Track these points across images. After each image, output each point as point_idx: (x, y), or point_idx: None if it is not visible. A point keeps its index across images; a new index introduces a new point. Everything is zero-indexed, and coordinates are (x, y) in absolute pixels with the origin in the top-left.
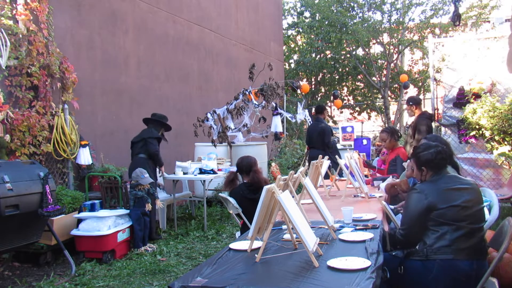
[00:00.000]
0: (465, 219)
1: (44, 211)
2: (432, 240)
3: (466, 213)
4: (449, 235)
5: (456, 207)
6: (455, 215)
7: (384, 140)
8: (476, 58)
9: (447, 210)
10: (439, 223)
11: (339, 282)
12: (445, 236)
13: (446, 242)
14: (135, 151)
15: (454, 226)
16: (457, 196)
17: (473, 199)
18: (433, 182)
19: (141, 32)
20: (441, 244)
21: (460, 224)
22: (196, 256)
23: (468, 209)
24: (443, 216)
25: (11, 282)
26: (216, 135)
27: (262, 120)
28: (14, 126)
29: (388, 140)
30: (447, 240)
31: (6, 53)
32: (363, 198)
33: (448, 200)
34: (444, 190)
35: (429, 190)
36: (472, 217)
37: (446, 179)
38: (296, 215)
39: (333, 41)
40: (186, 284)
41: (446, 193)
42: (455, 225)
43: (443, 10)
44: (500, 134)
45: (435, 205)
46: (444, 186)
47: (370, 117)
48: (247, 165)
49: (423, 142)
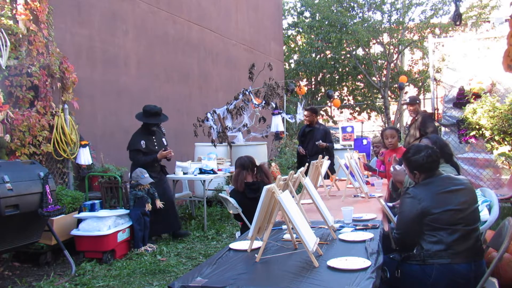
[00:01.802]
0: (460, 221)
1: (44, 211)
2: (429, 245)
3: (460, 216)
4: (445, 239)
5: (451, 211)
6: (450, 219)
7: (393, 137)
8: (476, 58)
9: (441, 214)
10: (434, 228)
11: (339, 282)
12: (441, 241)
13: (442, 246)
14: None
15: (450, 230)
16: (451, 199)
17: (467, 200)
18: (426, 186)
19: (141, 32)
20: (438, 249)
21: (456, 228)
22: (196, 256)
23: (463, 211)
24: (437, 221)
25: (11, 282)
26: (216, 135)
27: (262, 120)
28: (14, 126)
29: (396, 137)
30: (444, 244)
31: (6, 53)
32: (363, 198)
33: (442, 204)
34: (438, 193)
35: (422, 195)
36: (467, 219)
37: (440, 181)
38: (296, 215)
39: (333, 41)
40: (186, 284)
41: (440, 197)
42: (450, 228)
43: (443, 10)
44: (500, 134)
45: (429, 210)
46: (438, 190)
47: (370, 117)
48: (250, 162)
49: (413, 145)
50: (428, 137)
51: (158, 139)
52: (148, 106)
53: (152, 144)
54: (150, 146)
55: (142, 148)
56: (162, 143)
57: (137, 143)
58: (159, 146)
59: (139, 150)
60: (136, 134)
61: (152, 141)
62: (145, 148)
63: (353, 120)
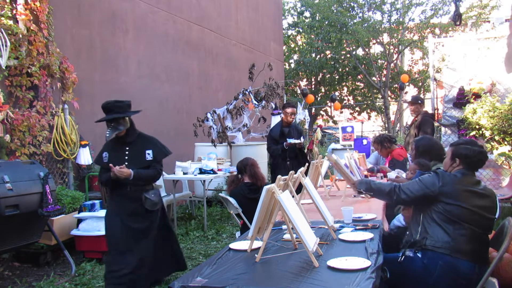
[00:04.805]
0: (471, 222)
1: (44, 211)
2: (434, 233)
3: (473, 217)
4: (452, 232)
5: (466, 209)
6: (461, 215)
7: (377, 150)
8: (476, 58)
9: (455, 207)
10: (444, 219)
11: (339, 282)
12: (447, 233)
13: (447, 238)
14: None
15: (458, 225)
16: (472, 199)
17: (487, 207)
18: (456, 177)
19: (141, 32)
20: (442, 239)
21: (464, 225)
22: (196, 256)
23: (478, 214)
24: (449, 212)
25: (11, 282)
26: (216, 135)
27: (262, 120)
28: (14, 126)
29: (379, 149)
30: (449, 236)
31: (6, 53)
32: (363, 198)
33: (461, 199)
34: (463, 189)
35: (448, 180)
36: (479, 223)
37: (470, 179)
38: (296, 215)
39: (333, 41)
40: (186, 284)
41: (463, 193)
42: (459, 224)
43: (443, 10)
44: (500, 134)
45: (444, 197)
46: (465, 186)
47: (370, 117)
48: (247, 164)
49: (467, 138)
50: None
51: (133, 152)
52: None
53: (119, 159)
54: (113, 162)
55: (103, 164)
56: (139, 158)
57: (99, 156)
58: (132, 161)
59: (102, 167)
60: (106, 144)
61: (120, 152)
62: (107, 163)
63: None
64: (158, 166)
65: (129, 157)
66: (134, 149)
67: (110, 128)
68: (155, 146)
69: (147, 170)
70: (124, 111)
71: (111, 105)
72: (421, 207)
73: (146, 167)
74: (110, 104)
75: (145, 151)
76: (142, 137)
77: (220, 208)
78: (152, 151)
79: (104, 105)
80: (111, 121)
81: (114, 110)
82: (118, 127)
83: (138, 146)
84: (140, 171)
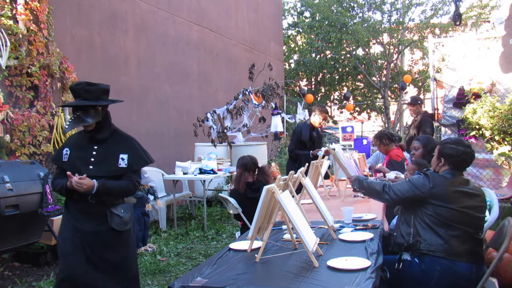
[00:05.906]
0: (461, 223)
1: (44, 211)
2: (427, 236)
3: (464, 219)
4: (444, 234)
5: (456, 211)
6: (451, 217)
7: (376, 145)
8: (476, 58)
9: (445, 210)
10: (435, 222)
11: (339, 282)
12: (439, 235)
13: (440, 241)
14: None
15: (450, 227)
16: (462, 200)
17: (476, 207)
18: (445, 178)
19: (141, 32)
20: (435, 242)
21: (455, 226)
22: (196, 256)
23: (468, 215)
24: (440, 215)
25: (11, 282)
26: (216, 135)
27: (262, 120)
28: (14, 126)
29: (378, 145)
30: (442, 239)
31: (6, 53)
32: (363, 198)
33: (451, 202)
34: (453, 190)
35: (438, 182)
36: (469, 223)
37: (460, 180)
38: (296, 215)
39: (333, 41)
40: (186, 284)
41: (452, 194)
42: (450, 225)
43: (443, 10)
44: (500, 134)
45: (434, 199)
46: (455, 187)
47: (370, 117)
48: (253, 163)
49: (457, 137)
50: (418, 138)
51: (103, 154)
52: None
53: (83, 160)
54: (75, 163)
55: (61, 163)
56: (109, 163)
57: (58, 153)
58: (99, 167)
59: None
60: (70, 137)
61: (86, 152)
62: (66, 162)
63: (353, 120)
64: (135, 176)
65: (96, 160)
66: (104, 150)
67: (73, 117)
68: (132, 150)
69: (118, 182)
70: (95, 98)
71: (80, 87)
72: (411, 208)
73: (118, 176)
74: (79, 86)
75: (118, 154)
76: (118, 135)
77: (220, 208)
78: (128, 156)
79: (73, 86)
80: (77, 109)
81: (82, 95)
82: (84, 119)
83: (110, 147)
84: (108, 184)
